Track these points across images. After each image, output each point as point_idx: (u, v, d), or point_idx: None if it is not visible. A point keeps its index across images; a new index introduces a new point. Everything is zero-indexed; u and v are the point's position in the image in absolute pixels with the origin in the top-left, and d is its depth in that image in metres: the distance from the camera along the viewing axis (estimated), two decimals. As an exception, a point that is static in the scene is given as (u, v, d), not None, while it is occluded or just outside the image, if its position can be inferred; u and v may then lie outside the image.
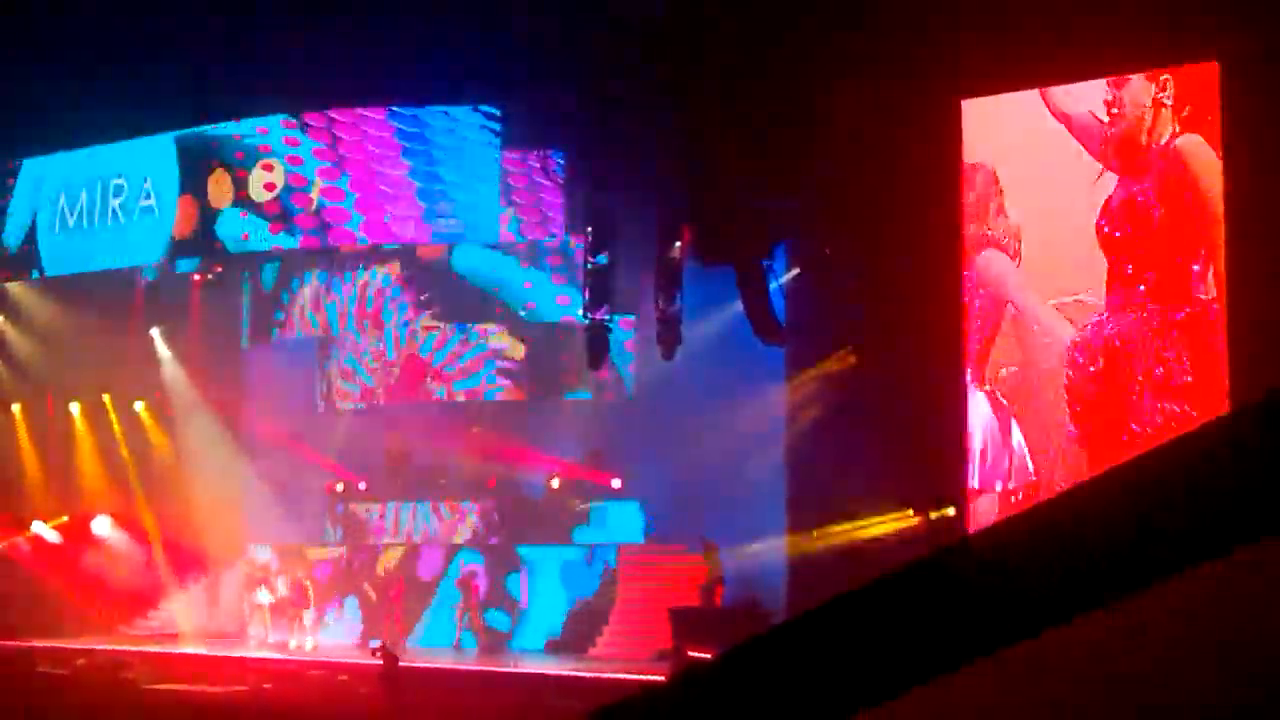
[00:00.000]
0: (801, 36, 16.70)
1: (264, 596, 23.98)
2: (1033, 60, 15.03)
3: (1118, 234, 15.35)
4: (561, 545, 23.33)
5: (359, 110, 21.43)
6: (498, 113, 20.57)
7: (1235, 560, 1.75)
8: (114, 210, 23.10)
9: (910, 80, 15.89)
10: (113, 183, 23.24)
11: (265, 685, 19.97)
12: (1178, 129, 14.98)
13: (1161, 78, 15.08)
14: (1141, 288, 15.22)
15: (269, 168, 21.96)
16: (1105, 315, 15.43)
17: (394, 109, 21.24)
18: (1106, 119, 15.38)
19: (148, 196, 22.73)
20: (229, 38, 19.31)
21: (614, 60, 17.96)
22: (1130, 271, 15.28)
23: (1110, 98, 15.37)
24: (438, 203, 21.30)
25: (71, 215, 23.46)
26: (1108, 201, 15.41)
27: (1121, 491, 1.86)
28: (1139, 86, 15.23)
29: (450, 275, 24.71)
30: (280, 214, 22.00)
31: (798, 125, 17.18)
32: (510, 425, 24.17)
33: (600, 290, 19.69)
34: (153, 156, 22.85)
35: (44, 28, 19.68)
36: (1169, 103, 15.03)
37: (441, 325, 24.99)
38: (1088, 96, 15.52)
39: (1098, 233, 15.45)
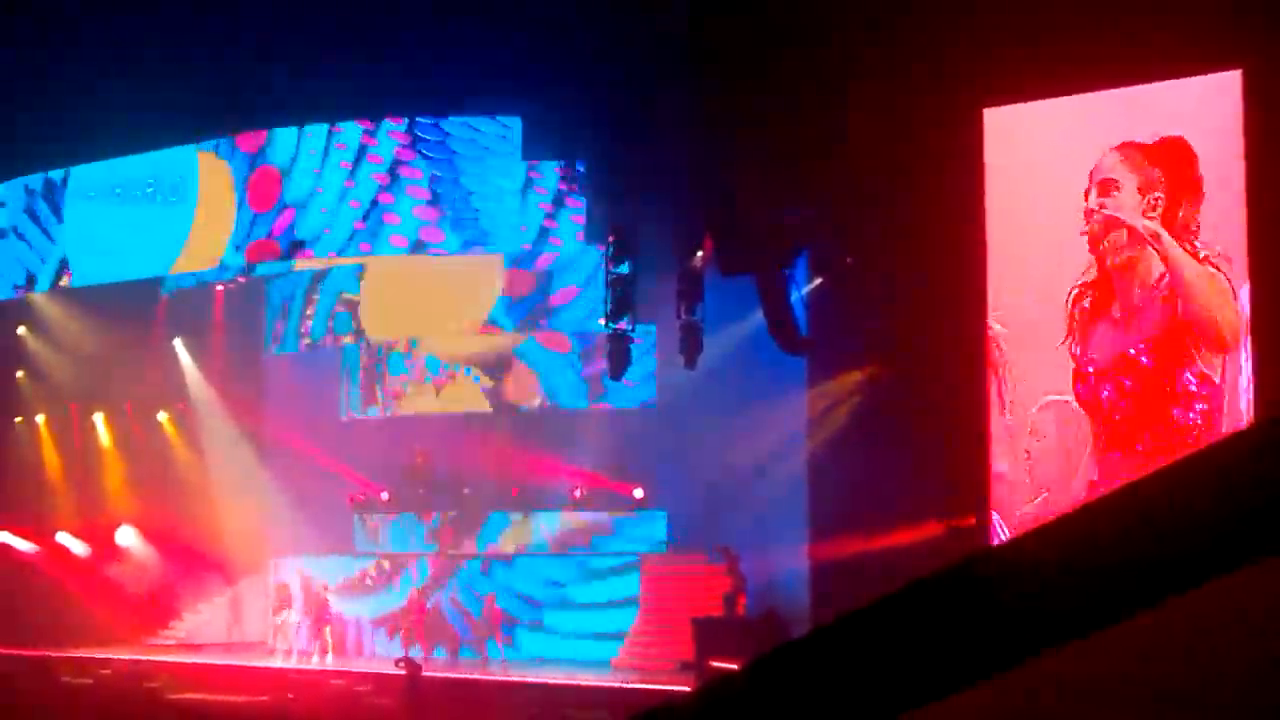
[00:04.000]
0: (822, 44, 16.68)
1: (290, 617, 23.98)
2: (1057, 68, 14.98)
3: (1107, 394, 14.88)
4: (585, 555, 23.35)
5: (380, 120, 21.50)
6: (519, 123, 20.62)
7: (1261, 569, 1.74)
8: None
9: (932, 88, 15.86)
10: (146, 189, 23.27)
11: (288, 695, 20.03)
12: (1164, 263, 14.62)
13: (1153, 196, 14.78)
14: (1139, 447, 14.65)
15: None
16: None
17: (416, 119, 21.30)
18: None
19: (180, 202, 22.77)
20: (256, 50, 19.39)
21: (635, 70, 17.98)
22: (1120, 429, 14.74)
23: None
24: (460, 213, 21.34)
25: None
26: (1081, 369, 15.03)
27: (1147, 501, 1.85)
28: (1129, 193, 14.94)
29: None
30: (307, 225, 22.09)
31: (819, 134, 17.17)
32: (533, 435, 24.20)
33: (622, 299, 19.71)
34: (184, 165, 22.93)
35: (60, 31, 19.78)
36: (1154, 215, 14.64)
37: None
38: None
39: (1079, 397, 15.05)
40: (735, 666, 2.06)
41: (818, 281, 19.56)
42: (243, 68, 19.77)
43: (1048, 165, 15.68)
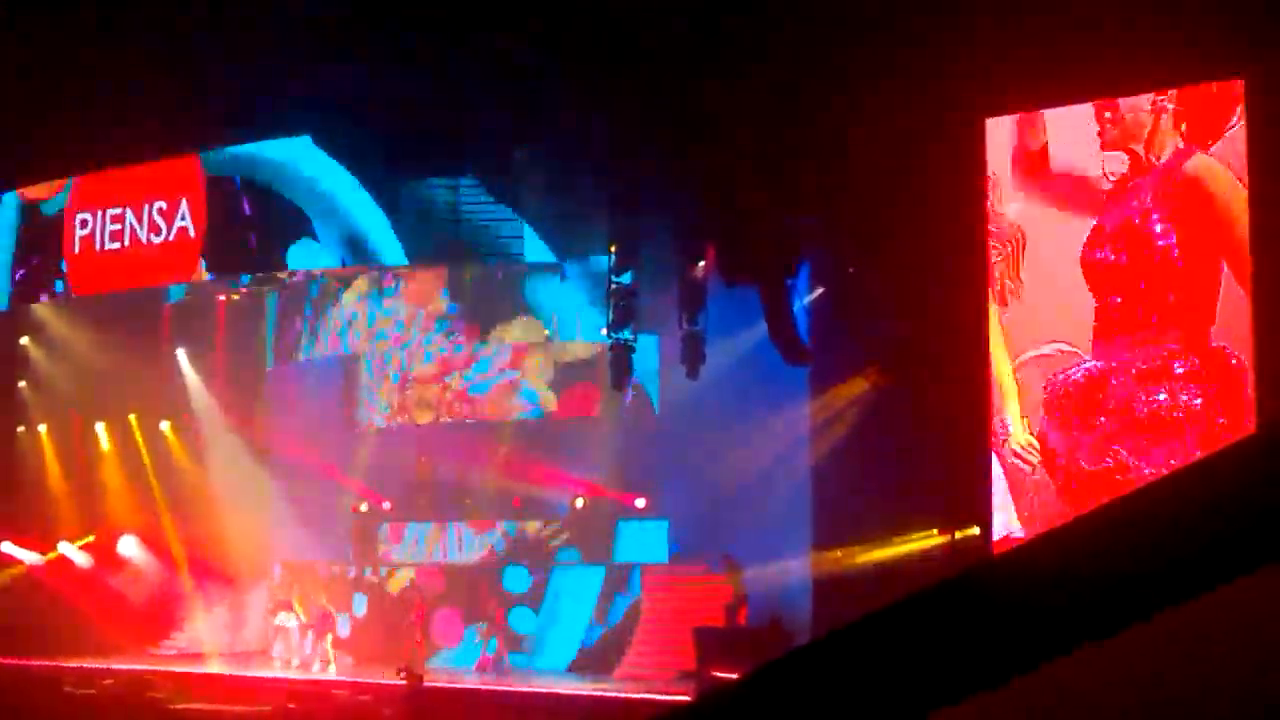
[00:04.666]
0: (824, 54, 16.71)
1: (289, 620, 24.05)
2: (1056, 77, 15.00)
3: (1112, 258, 15.03)
4: (589, 565, 23.33)
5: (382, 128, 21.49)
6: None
7: (1263, 576, 1.74)
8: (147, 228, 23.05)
9: (933, 98, 15.88)
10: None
11: (290, 705, 20.00)
12: (1181, 144, 14.81)
13: (1162, 98, 14.89)
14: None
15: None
16: (1087, 362, 15.07)
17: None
18: (1098, 140, 15.21)
19: (183, 217, 22.71)
20: (253, 59, 19.40)
21: (636, 79, 18.00)
22: (1122, 311, 14.83)
23: (1107, 117, 15.21)
24: (461, 222, 21.32)
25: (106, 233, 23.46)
26: (1099, 228, 15.12)
27: (1149, 509, 1.85)
28: (1135, 102, 15.08)
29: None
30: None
31: (820, 143, 17.19)
32: (534, 444, 24.18)
33: (624, 309, 19.71)
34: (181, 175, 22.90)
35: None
36: (1169, 107, 14.84)
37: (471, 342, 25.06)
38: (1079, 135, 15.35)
39: (1084, 265, 15.14)
40: (736, 676, 2.05)
41: (820, 291, 19.57)
42: (239, 77, 19.78)
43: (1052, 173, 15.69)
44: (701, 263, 19.31)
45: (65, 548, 26.34)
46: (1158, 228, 14.69)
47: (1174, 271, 14.58)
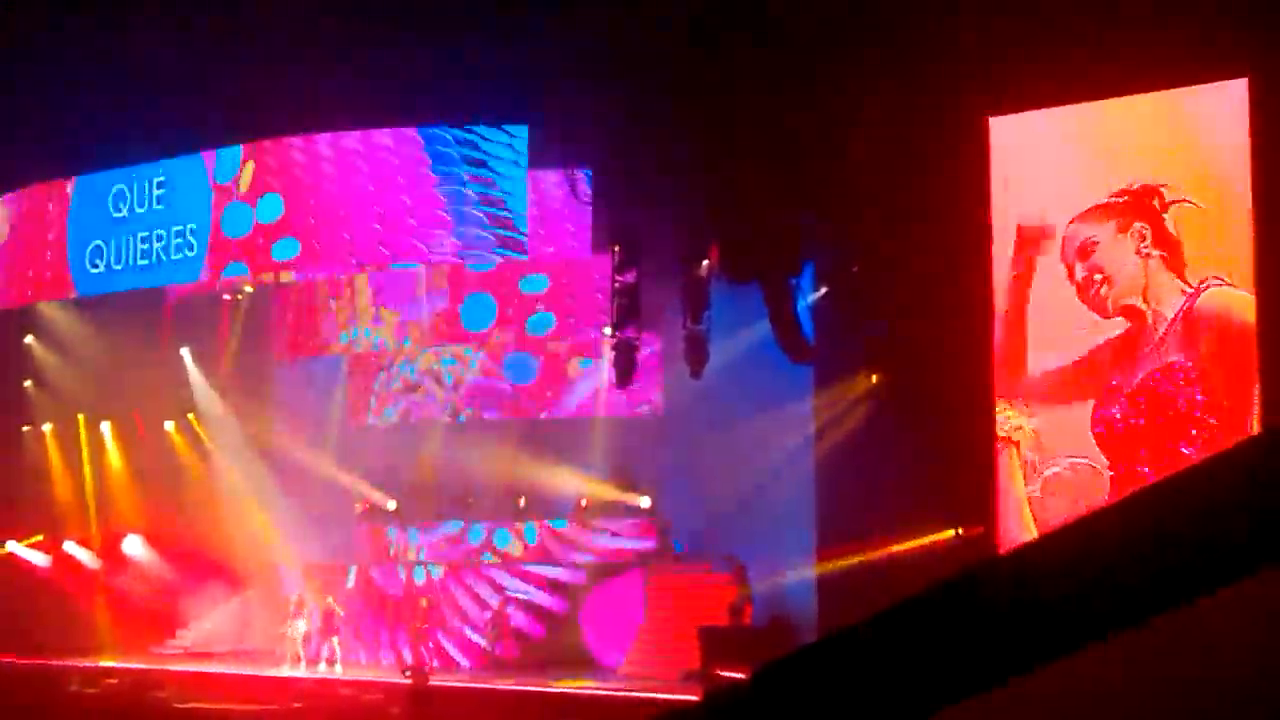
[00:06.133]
0: (829, 53, 16.70)
1: (298, 627, 24.02)
2: (1061, 78, 14.99)
3: (1132, 421, 14.73)
4: (590, 564, 23.33)
5: (386, 130, 21.48)
6: (524, 131, 20.60)
7: (1266, 578, 1.74)
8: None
9: (938, 97, 15.87)
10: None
11: (295, 704, 20.02)
12: (1185, 287, 14.44)
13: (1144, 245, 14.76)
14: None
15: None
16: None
17: (420, 128, 21.27)
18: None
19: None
20: (249, 55, 19.41)
21: (641, 77, 17.99)
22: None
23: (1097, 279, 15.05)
24: (465, 222, 21.31)
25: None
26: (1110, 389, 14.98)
27: (1152, 511, 1.86)
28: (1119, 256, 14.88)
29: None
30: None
31: (825, 142, 17.18)
32: (539, 444, 24.17)
33: (628, 308, 19.70)
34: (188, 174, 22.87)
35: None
36: (1153, 253, 14.61)
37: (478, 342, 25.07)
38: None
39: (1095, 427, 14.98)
40: (742, 675, 2.06)
41: (823, 290, 19.55)
42: (241, 77, 19.77)
43: (1054, 173, 15.67)
44: (705, 261, 19.29)
45: (70, 547, 26.35)
46: (1181, 378, 14.42)
47: (1194, 421, 14.36)
